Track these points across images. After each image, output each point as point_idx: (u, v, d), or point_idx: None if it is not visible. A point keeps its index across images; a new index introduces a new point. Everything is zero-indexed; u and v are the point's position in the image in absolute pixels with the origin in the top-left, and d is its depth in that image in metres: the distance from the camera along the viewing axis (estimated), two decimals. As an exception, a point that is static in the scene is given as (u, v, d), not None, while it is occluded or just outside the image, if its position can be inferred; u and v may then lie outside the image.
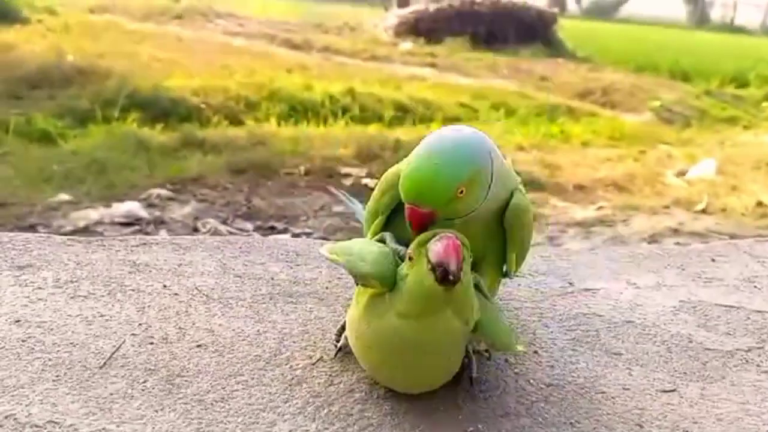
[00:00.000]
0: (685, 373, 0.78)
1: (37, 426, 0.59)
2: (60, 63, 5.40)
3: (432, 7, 7.33)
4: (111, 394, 0.65)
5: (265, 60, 6.21)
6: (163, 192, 3.01)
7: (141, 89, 4.97)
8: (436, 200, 0.62)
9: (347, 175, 3.31)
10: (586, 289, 0.97)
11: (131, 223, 2.69)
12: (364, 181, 3.34)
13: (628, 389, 0.74)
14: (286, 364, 0.72)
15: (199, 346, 0.74)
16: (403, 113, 5.48)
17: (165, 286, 0.85)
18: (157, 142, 3.88)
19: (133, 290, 0.84)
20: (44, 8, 6.80)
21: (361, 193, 3.52)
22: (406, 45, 7.14)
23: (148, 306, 0.81)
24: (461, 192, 0.62)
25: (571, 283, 0.98)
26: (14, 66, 5.25)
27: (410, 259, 0.60)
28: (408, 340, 0.61)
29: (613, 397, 0.72)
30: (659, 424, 0.68)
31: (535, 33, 7.60)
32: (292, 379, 0.69)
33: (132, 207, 2.81)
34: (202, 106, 4.98)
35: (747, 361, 0.81)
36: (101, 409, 0.62)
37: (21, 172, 3.29)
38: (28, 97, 4.84)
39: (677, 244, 2.59)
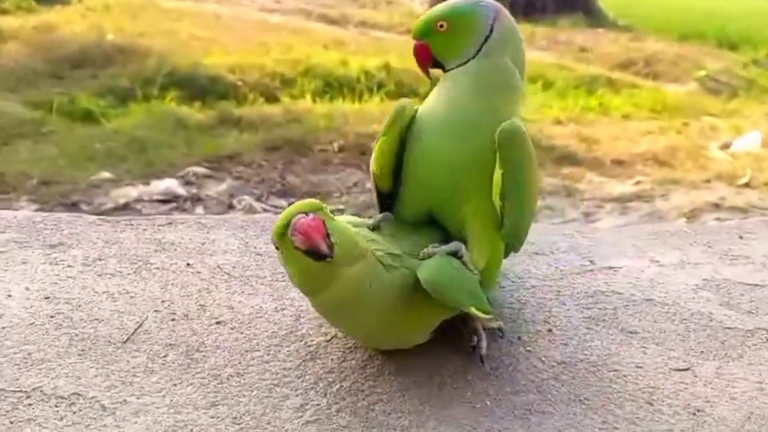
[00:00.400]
0: (702, 351, 0.77)
1: (62, 398, 0.63)
2: (100, 42, 5.49)
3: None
4: (133, 368, 0.67)
5: (302, 36, 6.21)
6: (200, 170, 3.07)
7: (179, 67, 5.03)
8: (418, 30, 0.74)
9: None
10: (608, 267, 0.96)
11: (169, 200, 2.75)
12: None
13: (641, 367, 0.74)
14: (302, 341, 0.74)
15: (218, 322, 0.76)
16: (438, 87, 5.42)
17: (188, 264, 0.88)
18: (195, 120, 3.93)
19: (157, 268, 0.87)
20: (85, -12, 6.89)
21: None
22: (443, 18, 7.04)
23: (172, 284, 0.83)
24: (441, 26, 0.72)
25: (592, 261, 0.98)
26: (56, 46, 5.36)
27: (277, 248, 0.62)
28: (331, 311, 0.66)
29: (624, 375, 0.72)
30: (670, 402, 0.68)
31: (574, 2, 7.42)
32: (307, 355, 0.71)
33: (170, 184, 2.87)
34: (239, 83, 5.02)
35: (767, 340, 0.81)
36: (123, 382, 0.65)
37: (65, 151, 3.38)
38: (70, 77, 4.95)
39: (717, 219, 2.54)
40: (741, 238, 1.08)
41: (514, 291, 0.87)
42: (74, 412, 0.61)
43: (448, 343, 0.74)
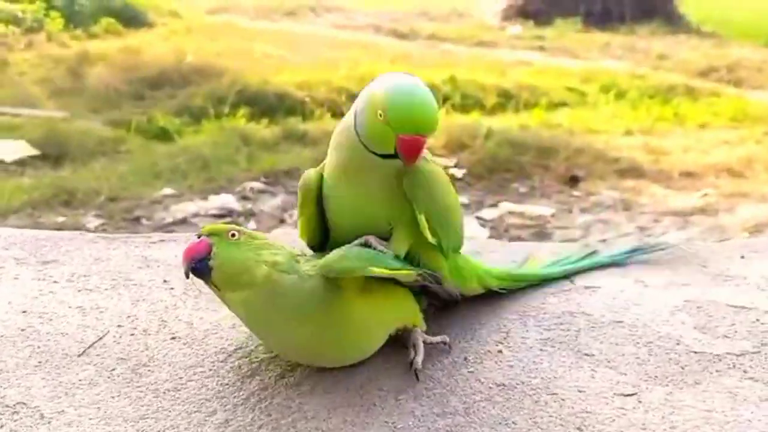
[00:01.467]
0: (656, 376, 0.75)
1: (7, 406, 0.68)
2: (180, 64, 5.77)
3: (542, -13, 7.10)
4: (80, 380, 0.72)
5: (370, 51, 6.30)
6: (257, 185, 3.17)
7: (250, 86, 5.22)
8: (436, 123, 0.74)
9: (435, 165, 3.31)
10: (587, 287, 0.94)
11: (224, 215, 2.86)
12: (452, 171, 3.32)
13: (582, 391, 0.72)
14: (247, 357, 0.76)
15: (173, 338, 0.80)
16: (505, 100, 5.39)
17: (165, 281, 0.92)
18: (260, 136, 4.07)
19: (135, 284, 0.92)
20: (168, 12, 7.26)
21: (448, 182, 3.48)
22: (515, 29, 6.98)
23: (143, 300, 0.88)
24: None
25: (572, 281, 0.96)
26: (139, 68, 5.67)
27: None
28: (248, 323, 0.71)
29: (562, 399, 0.70)
30: (601, 428, 0.66)
31: (654, 9, 7.17)
32: (248, 371, 0.74)
33: (226, 200, 2.98)
34: (306, 99, 5.16)
35: (734, 366, 0.76)
36: (66, 393, 0.70)
37: (135, 168, 3.57)
38: (150, 97, 5.22)
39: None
40: (742, 257, 1.03)
41: (475, 309, 0.86)
42: (15, 420, 0.66)
43: (392, 360, 0.75)
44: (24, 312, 0.84)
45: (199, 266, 0.66)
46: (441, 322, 0.82)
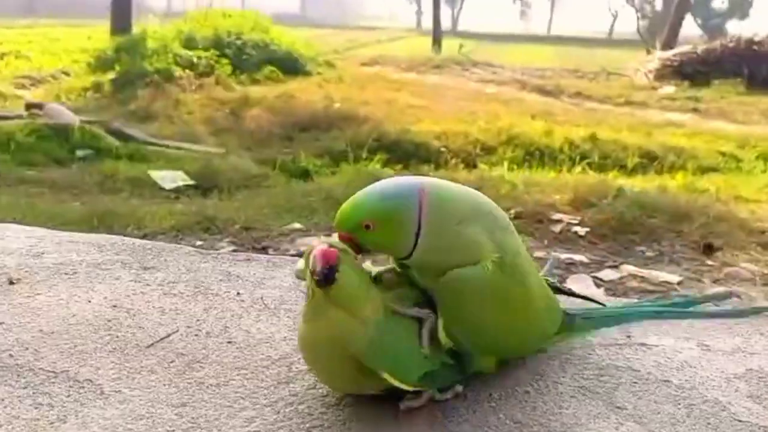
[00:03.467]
0: (685, 438, 0.72)
1: (77, 381, 0.78)
2: (328, 110, 6.14)
3: (701, 48, 6.81)
4: (142, 367, 0.82)
5: (512, 106, 6.35)
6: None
7: (390, 133, 5.43)
8: (344, 224, 0.71)
9: (557, 221, 3.26)
10: (642, 344, 0.92)
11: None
12: (575, 228, 3.26)
13: (599, 442, 0.71)
14: (287, 366, 0.83)
15: (230, 342, 0.88)
16: (649, 161, 5.21)
17: (239, 293, 1.02)
18: (390, 181, 4.20)
19: (212, 293, 1.02)
20: (324, 62, 7.74)
21: (569, 240, 3.40)
22: (668, 89, 6.73)
23: (215, 307, 0.97)
24: (367, 226, 0.69)
25: (629, 336, 0.94)
26: (292, 113, 6.09)
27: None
28: (305, 340, 0.71)
29: (576, 446, 0.70)
30: (606, 478, 0.65)
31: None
32: (284, 378, 0.80)
33: (348, 238, 3.11)
34: (442, 149, 5.27)
35: (778, 440, 0.72)
36: (127, 376, 0.80)
37: (271, 202, 3.83)
38: (297, 139, 5.58)
39: None
40: (829, 332, 0.95)
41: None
42: (79, 393, 0.76)
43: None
44: (114, 306, 0.96)
45: (328, 273, 0.65)
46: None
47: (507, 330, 0.77)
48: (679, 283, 2.88)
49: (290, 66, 7.19)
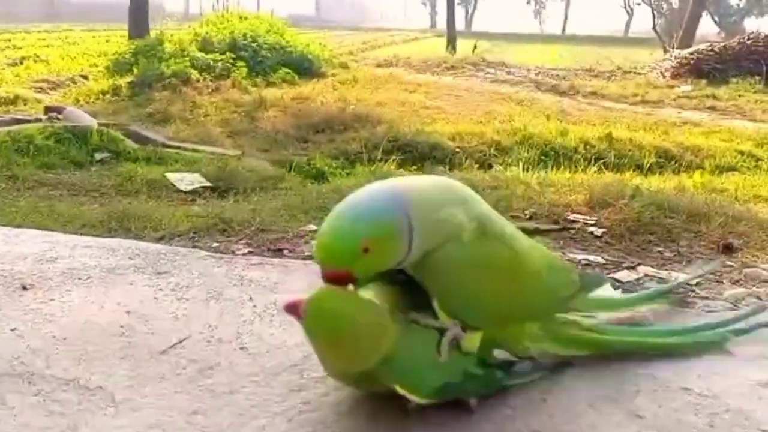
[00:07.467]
0: (706, 448, 0.70)
1: (88, 388, 0.78)
2: (343, 112, 6.13)
3: (718, 45, 6.72)
4: (153, 374, 0.81)
5: (527, 106, 6.31)
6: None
7: (404, 134, 5.41)
8: (341, 261, 0.66)
9: (573, 222, 3.23)
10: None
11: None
12: (591, 229, 3.23)
13: (617, 450, 0.69)
14: (300, 373, 0.82)
15: (242, 348, 0.87)
16: (665, 160, 5.14)
17: (251, 298, 1.01)
18: (403, 182, 4.19)
19: (225, 299, 1.01)
20: (339, 64, 7.74)
21: (585, 240, 3.36)
22: (685, 88, 6.66)
23: (228, 313, 0.97)
24: (366, 249, 0.65)
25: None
26: (306, 114, 6.09)
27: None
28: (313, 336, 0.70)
29: (594, 455, 0.68)
30: (626, 490, 0.64)
31: None
32: (296, 386, 0.79)
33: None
34: (457, 150, 5.25)
35: (803, 450, 0.70)
36: (139, 383, 0.79)
37: (287, 204, 3.81)
38: (312, 141, 5.58)
39: None
40: None
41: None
42: (89, 401, 0.76)
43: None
44: (128, 312, 0.96)
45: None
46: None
47: (503, 293, 0.75)
48: (697, 284, 2.84)
49: (305, 68, 7.20)
